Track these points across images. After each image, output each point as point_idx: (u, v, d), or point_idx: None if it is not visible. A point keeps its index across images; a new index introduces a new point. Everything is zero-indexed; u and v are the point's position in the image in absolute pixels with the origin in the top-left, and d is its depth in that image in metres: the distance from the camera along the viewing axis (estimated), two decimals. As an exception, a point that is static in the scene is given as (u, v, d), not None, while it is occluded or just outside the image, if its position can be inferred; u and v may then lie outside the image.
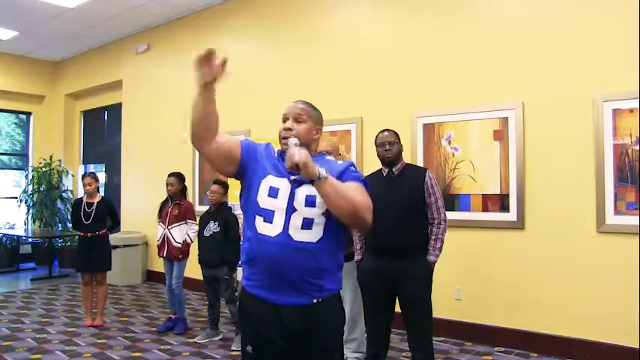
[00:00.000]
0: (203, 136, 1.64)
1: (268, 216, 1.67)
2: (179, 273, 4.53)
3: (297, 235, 1.64)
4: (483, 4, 4.19)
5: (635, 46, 3.40)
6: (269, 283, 1.67)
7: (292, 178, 1.67)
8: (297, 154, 1.56)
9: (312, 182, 1.58)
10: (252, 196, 1.72)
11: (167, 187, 4.55)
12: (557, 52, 3.78)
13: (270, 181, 1.71)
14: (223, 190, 4.23)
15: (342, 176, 1.69)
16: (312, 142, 1.76)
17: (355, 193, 1.62)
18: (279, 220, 1.66)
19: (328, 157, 1.85)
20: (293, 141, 1.65)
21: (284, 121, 1.77)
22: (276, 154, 1.79)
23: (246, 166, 1.75)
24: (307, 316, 1.67)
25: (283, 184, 1.69)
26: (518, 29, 3.97)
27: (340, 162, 1.82)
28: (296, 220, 1.65)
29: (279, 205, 1.67)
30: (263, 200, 1.70)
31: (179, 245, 4.46)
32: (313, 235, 1.65)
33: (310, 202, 1.65)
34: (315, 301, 1.67)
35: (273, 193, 1.69)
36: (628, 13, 3.45)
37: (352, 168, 1.75)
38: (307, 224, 1.65)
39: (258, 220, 1.69)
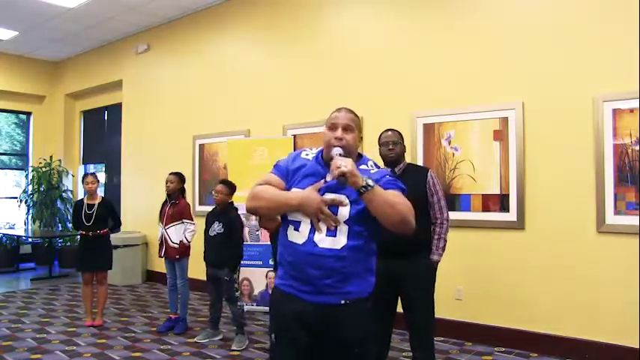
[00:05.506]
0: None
1: (296, 225, 1.76)
2: (182, 273, 4.54)
3: (322, 243, 1.70)
4: (483, 5, 4.19)
5: (635, 46, 3.40)
6: (298, 284, 1.75)
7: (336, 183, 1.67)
8: (344, 164, 1.60)
9: (359, 192, 1.62)
10: None
11: (166, 184, 4.55)
12: (557, 52, 3.78)
13: None
14: (228, 191, 4.18)
15: (379, 185, 1.70)
16: (356, 150, 1.83)
17: (399, 200, 1.66)
18: (304, 228, 1.74)
19: (362, 167, 1.85)
20: (336, 151, 1.70)
21: (331, 129, 1.80)
22: (312, 159, 1.84)
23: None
24: (332, 313, 1.71)
25: None
26: (518, 29, 3.97)
27: (373, 171, 1.83)
28: (320, 229, 1.71)
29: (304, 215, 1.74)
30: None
31: (176, 246, 4.46)
32: (337, 243, 1.70)
33: (333, 210, 1.70)
34: (342, 302, 1.72)
35: None
36: (628, 13, 3.45)
37: (388, 177, 1.79)
38: (331, 232, 1.71)
39: (290, 229, 1.78)
